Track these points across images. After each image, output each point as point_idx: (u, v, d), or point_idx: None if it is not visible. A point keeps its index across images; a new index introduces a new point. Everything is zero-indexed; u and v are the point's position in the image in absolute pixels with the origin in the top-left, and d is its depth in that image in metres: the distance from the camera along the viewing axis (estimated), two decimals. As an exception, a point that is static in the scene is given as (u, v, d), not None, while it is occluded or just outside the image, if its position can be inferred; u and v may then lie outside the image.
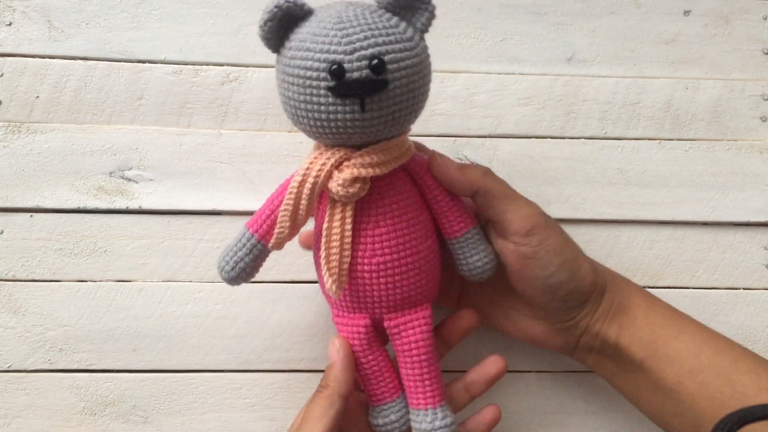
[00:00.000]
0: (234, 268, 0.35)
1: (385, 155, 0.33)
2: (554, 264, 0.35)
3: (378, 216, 0.34)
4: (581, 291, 0.36)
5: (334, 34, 0.30)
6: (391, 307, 0.35)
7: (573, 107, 0.45)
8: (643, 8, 0.46)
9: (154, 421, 0.43)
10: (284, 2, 0.30)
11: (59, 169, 0.43)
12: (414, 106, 0.32)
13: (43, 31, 0.43)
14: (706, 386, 0.35)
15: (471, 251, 0.36)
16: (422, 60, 0.32)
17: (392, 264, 0.34)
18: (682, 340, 0.36)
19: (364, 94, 0.30)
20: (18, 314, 0.43)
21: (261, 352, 0.43)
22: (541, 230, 0.35)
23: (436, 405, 0.35)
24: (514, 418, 0.44)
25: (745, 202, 0.45)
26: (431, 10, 0.32)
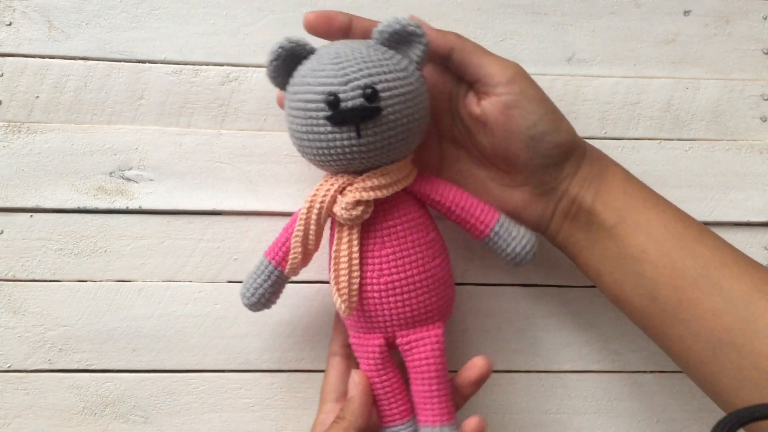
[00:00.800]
0: (254, 294, 0.38)
1: (385, 179, 0.34)
2: (537, 112, 0.36)
3: (384, 237, 0.35)
4: (562, 145, 0.37)
5: (331, 68, 0.32)
6: (402, 324, 0.36)
7: (573, 107, 0.45)
8: (643, 8, 0.46)
9: (154, 421, 0.43)
10: (287, 43, 0.33)
11: (59, 169, 0.43)
12: (409, 132, 0.34)
13: (43, 31, 0.44)
14: (670, 255, 0.36)
15: (507, 241, 0.37)
16: (416, 88, 0.34)
17: (400, 283, 0.35)
18: (654, 211, 0.37)
19: (358, 121, 0.32)
20: (18, 314, 0.43)
21: (261, 352, 0.43)
22: (521, 78, 0.36)
23: (443, 422, 0.35)
24: (515, 418, 0.44)
25: (745, 202, 0.45)
26: (425, 43, 0.34)
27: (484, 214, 0.37)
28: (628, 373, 0.45)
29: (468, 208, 0.37)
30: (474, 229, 0.37)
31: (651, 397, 0.45)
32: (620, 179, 0.38)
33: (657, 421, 0.45)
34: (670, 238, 0.36)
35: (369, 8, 0.45)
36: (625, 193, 0.37)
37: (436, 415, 0.36)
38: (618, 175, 0.38)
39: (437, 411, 0.36)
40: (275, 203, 0.44)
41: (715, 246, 0.36)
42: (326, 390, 0.39)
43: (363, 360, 0.37)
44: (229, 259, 0.43)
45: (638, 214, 0.37)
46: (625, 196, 0.37)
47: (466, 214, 0.37)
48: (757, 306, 0.34)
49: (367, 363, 0.37)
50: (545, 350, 0.44)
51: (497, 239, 0.37)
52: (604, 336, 0.45)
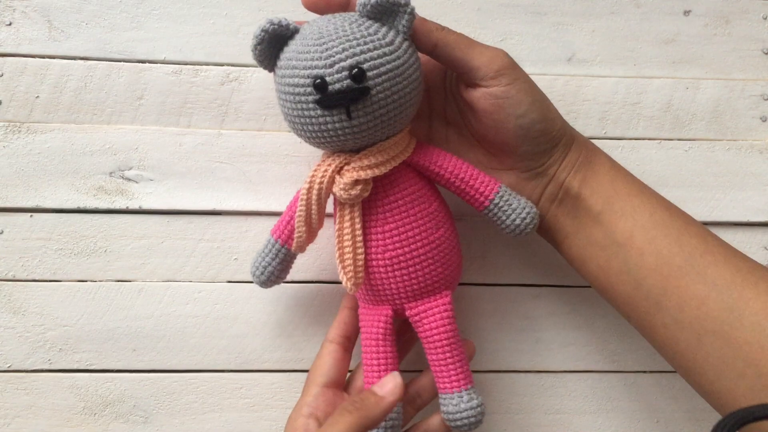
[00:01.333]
0: (263, 272, 0.38)
1: (382, 156, 0.34)
2: (526, 102, 0.35)
3: (386, 213, 0.35)
4: (551, 133, 0.37)
5: (315, 49, 0.32)
6: (410, 297, 0.36)
7: (573, 107, 0.45)
8: (643, 8, 0.46)
9: (154, 421, 0.43)
10: (269, 25, 0.33)
11: (59, 169, 0.43)
12: (403, 107, 0.34)
13: (43, 31, 0.43)
14: (656, 242, 0.36)
15: (506, 213, 0.36)
16: (405, 61, 0.33)
17: (404, 257, 0.35)
18: (640, 198, 0.37)
19: (347, 103, 0.32)
20: (18, 314, 0.43)
21: (261, 352, 0.43)
22: (509, 70, 0.35)
23: (461, 388, 0.36)
24: (515, 418, 0.44)
25: (745, 202, 0.45)
26: (410, 11, 0.33)
27: (483, 185, 0.36)
28: (628, 373, 0.45)
29: (467, 179, 0.36)
30: (473, 200, 0.37)
31: (651, 397, 0.45)
32: (607, 167, 0.38)
33: (657, 421, 0.45)
34: (656, 225, 0.36)
35: (369, 8, 0.45)
36: (612, 180, 0.37)
37: (454, 381, 0.36)
38: (605, 163, 0.38)
39: (454, 377, 0.36)
40: (275, 203, 0.44)
41: (700, 235, 0.36)
42: (316, 373, 0.38)
43: (367, 328, 0.37)
44: (229, 259, 0.43)
45: (624, 200, 0.37)
46: (611, 182, 0.37)
47: (465, 185, 0.36)
48: (741, 294, 0.33)
49: (370, 331, 0.37)
50: (545, 350, 0.44)
51: (497, 210, 0.36)
52: (604, 336, 0.45)
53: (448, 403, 0.36)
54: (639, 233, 0.36)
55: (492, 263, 0.45)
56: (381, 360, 0.37)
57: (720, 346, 0.33)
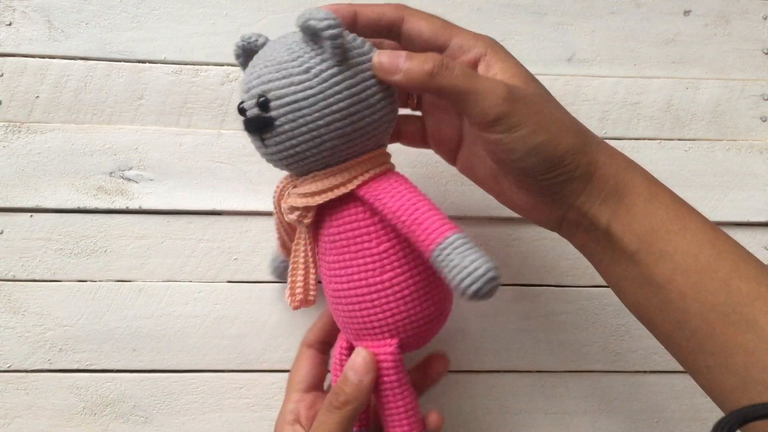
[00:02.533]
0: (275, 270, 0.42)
1: (316, 186, 0.32)
2: (520, 151, 0.31)
3: (328, 244, 0.34)
4: (559, 168, 0.32)
5: (248, 72, 0.32)
6: (351, 335, 0.35)
7: (573, 107, 0.45)
8: (643, 8, 0.46)
9: (154, 421, 0.43)
10: (241, 41, 0.33)
11: (59, 169, 0.43)
12: (318, 139, 0.30)
13: (43, 31, 0.43)
14: (700, 288, 0.32)
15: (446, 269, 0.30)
16: (320, 91, 0.30)
17: (345, 294, 0.33)
18: (683, 236, 0.33)
19: (254, 131, 0.32)
20: (18, 314, 0.43)
21: (261, 352, 0.43)
22: (506, 118, 0.31)
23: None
24: (516, 418, 0.44)
25: (745, 202, 0.45)
26: (329, 36, 0.29)
27: (426, 234, 0.30)
28: (627, 373, 0.45)
29: (409, 224, 0.31)
30: (418, 246, 0.31)
31: (651, 397, 0.45)
32: (643, 197, 0.33)
33: (657, 421, 0.45)
34: (701, 269, 0.32)
35: (369, 8, 0.45)
36: (649, 216, 0.33)
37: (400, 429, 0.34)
38: (641, 193, 0.33)
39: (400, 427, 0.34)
40: (275, 203, 0.44)
41: (751, 277, 0.32)
42: (295, 380, 0.38)
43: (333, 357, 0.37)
44: (228, 259, 0.43)
45: (663, 241, 0.33)
46: (648, 219, 0.33)
47: (408, 231, 0.31)
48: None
49: (334, 360, 0.37)
50: (545, 350, 0.44)
51: (437, 264, 0.30)
52: (604, 336, 0.45)
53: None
54: (680, 277, 0.32)
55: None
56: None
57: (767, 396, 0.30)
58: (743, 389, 0.32)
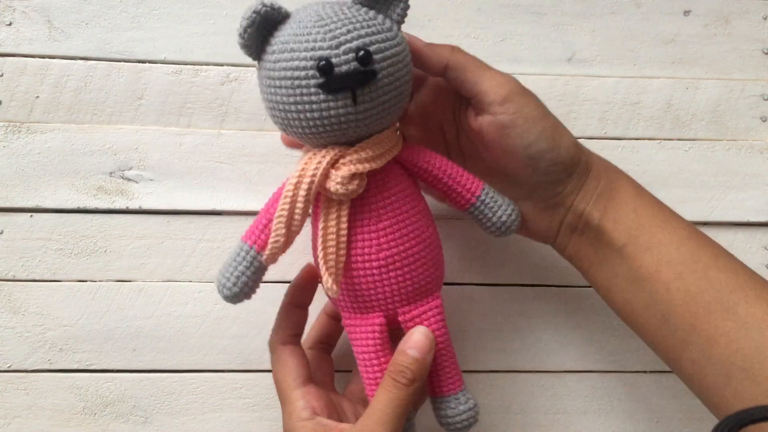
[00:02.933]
0: (236, 284, 0.33)
1: (379, 148, 0.33)
2: (533, 132, 0.34)
3: (380, 210, 0.34)
4: (563, 162, 0.35)
5: (317, 31, 0.30)
6: (404, 300, 0.34)
7: (573, 107, 0.45)
8: (643, 8, 0.46)
9: (154, 421, 0.43)
10: (262, 7, 0.31)
11: (59, 169, 0.43)
12: (401, 95, 0.33)
13: (43, 31, 0.44)
14: (683, 278, 0.34)
15: (491, 210, 0.36)
16: (404, 49, 0.33)
17: (400, 256, 0.34)
18: (666, 230, 0.35)
19: (355, 86, 0.30)
20: (18, 314, 0.43)
21: (261, 352, 0.43)
22: (517, 97, 0.35)
23: (457, 390, 0.35)
24: (516, 418, 0.44)
25: (745, 202, 0.45)
26: (405, 1, 0.33)
27: (470, 182, 0.36)
28: (628, 373, 0.45)
29: (454, 176, 0.35)
30: (460, 197, 0.36)
31: (651, 397, 0.45)
32: (630, 194, 0.37)
33: (657, 421, 0.45)
34: (683, 260, 0.35)
35: (369, 8, 0.45)
36: (635, 210, 0.36)
37: (450, 383, 0.35)
38: (628, 191, 0.37)
39: (451, 380, 0.35)
40: (275, 203, 0.44)
41: (730, 269, 0.35)
42: (288, 379, 0.36)
43: (360, 341, 0.35)
44: (229, 259, 0.43)
45: (649, 233, 0.35)
46: (635, 213, 0.36)
47: (453, 182, 0.35)
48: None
49: (365, 344, 0.35)
50: (545, 350, 0.44)
51: (483, 207, 0.36)
52: (604, 336, 0.45)
53: (446, 406, 0.35)
54: (665, 268, 0.35)
55: (492, 263, 0.45)
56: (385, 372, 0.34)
57: (750, 385, 0.32)
58: (727, 381, 0.33)
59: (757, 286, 0.34)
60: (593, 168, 0.37)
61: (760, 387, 0.32)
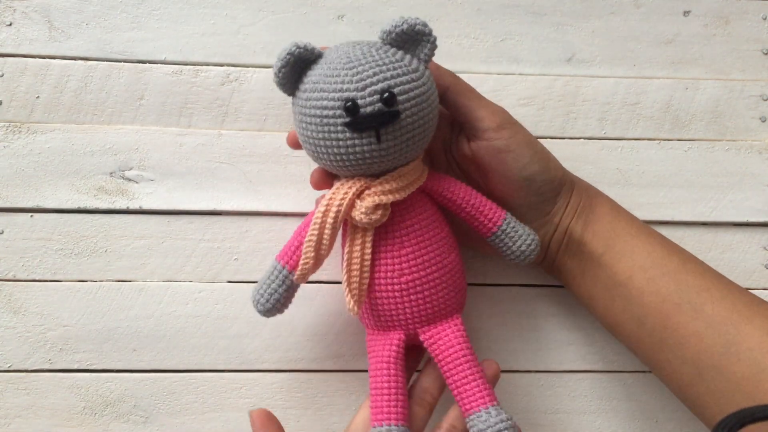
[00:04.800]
0: (269, 300, 0.37)
1: (403, 181, 0.35)
2: (527, 155, 0.37)
3: (402, 237, 0.36)
4: (554, 182, 0.38)
5: (345, 73, 0.32)
6: (423, 321, 0.36)
7: (573, 107, 0.45)
8: (643, 8, 0.46)
9: (154, 420, 0.43)
10: (296, 49, 0.33)
11: (60, 169, 0.43)
12: (426, 132, 0.34)
13: (43, 31, 0.44)
14: (654, 282, 0.37)
15: (513, 239, 0.37)
16: (429, 88, 0.34)
17: (420, 281, 0.35)
18: (638, 238, 0.38)
19: (378, 126, 0.32)
20: (18, 314, 0.43)
21: (261, 352, 0.43)
22: (510, 125, 0.37)
23: (487, 404, 0.35)
24: (516, 418, 0.44)
25: (744, 202, 0.45)
26: (433, 41, 0.34)
27: (492, 212, 0.37)
28: (627, 373, 0.45)
29: (477, 206, 0.37)
30: (482, 226, 0.37)
31: (650, 397, 0.45)
32: (607, 208, 0.40)
33: (656, 421, 0.45)
34: (654, 265, 0.37)
35: (369, 8, 0.45)
36: (612, 222, 0.39)
37: (479, 398, 0.35)
38: (605, 205, 0.40)
39: (479, 394, 0.35)
40: (275, 203, 0.44)
41: (698, 272, 0.37)
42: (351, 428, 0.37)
43: (377, 352, 0.36)
44: (229, 260, 0.44)
45: (624, 242, 0.38)
46: (611, 224, 0.39)
47: (476, 211, 0.37)
48: (738, 330, 0.35)
49: (380, 356, 0.36)
50: (545, 350, 0.44)
51: (504, 236, 0.37)
52: (604, 336, 0.45)
53: (477, 422, 0.34)
54: (638, 273, 0.37)
55: (492, 263, 0.45)
56: (392, 384, 0.36)
57: (720, 380, 0.35)
58: (699, 378, 0.35)
59: (722, 287, 0.37)
60: (576, 186, 0.40)
61: (730, 383, 0.34)
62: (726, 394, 0.34)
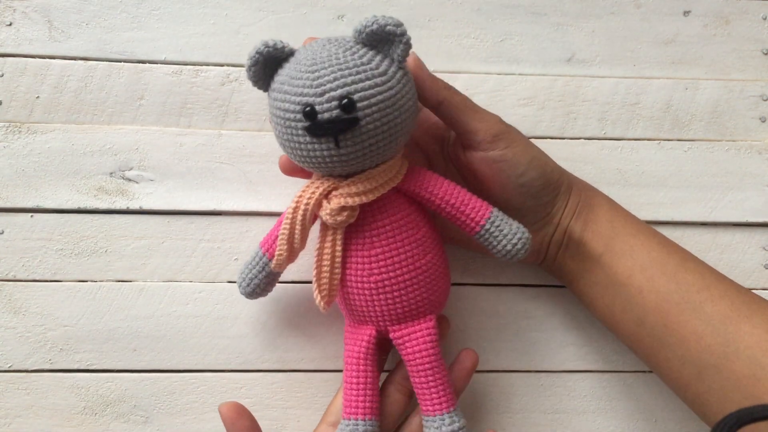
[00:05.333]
0: (249, 284, 0.38)
1: (371, 183, 0.34)
2: (523, 163, 0.37)
3: (372, 237, 0.35)
4: (551, 185, 0.38)
5: (306, 76, 0.32)
6: (393, 320, 0.36)
7: (573, 107, 0.46)
8: (643, 8, 0.46)
9: (154, 420, 0.43)
10: (264, 48, 0.33)
11: (60, 169, 0.43)
12: (393, 136, 0.33)
13: (43, 31, 0.44)
14: (654, 281, 0.37)
15: (495, 239, 0.36)
16: (397, 91, 0.33)
17: (389, 282, 0.35)
18: (638, 238, 0.38)
19: (335, 132, 0.32)
20: (19, 314, 0.43)
21: (261, 352, 0.44)
22: (505, 135, 0.37)
23: (443, 411, 0.36)
24: (516, 418, 0.44)
25: (743, 203, 0.45)
26: (406, 41, 0.33)
27: (474, 211, 0.36)
28: (626, 373, 0.45)
29: (457, 205, 0.36)
30: (464, 226, 0.37)
31: (649, 396, 0.45)
32: (606, 208, 0.40)
33: (655, 420, 0.45)
34: (654, 264, 0.37)
35: (369, 8, 0.45)
36: (611, 221, 0.39)
37: (436, 404, 0.36)
38: (604, 204, 0.40)
39: (437, 400, 0.36)
40: (275, 203, 0.44)
41: (697, 271, 0.37)
42: (330, 411, 0.39)
43: (350, 346, 0.37)
44: (229, 260, 0.44)
45: (623, 241, 0.38)
46: (611, 224, 0.39)
47: (455, 211, 0.36)
48: (737, 328, 0.35)
49: (352, 350, 0.37)
50: (545, 350, 0.45)
51: (487, 236, 0.36)
52: (603, 336, 0.45)
53: (430, 426, 0.36)
54: (638, 272, 0.37)
55: (492, 263, 0.45)
56: (361, 379, 0.37)
57: (719, 379, 0.35)
58: (699, 377, 0.36)
59: (721, 286, 0.37)
60: (574, 187, 0.40)
61: (729, 381, 0.34)
62: (725, 393, 0.34)
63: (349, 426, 0.36)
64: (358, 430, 0.36)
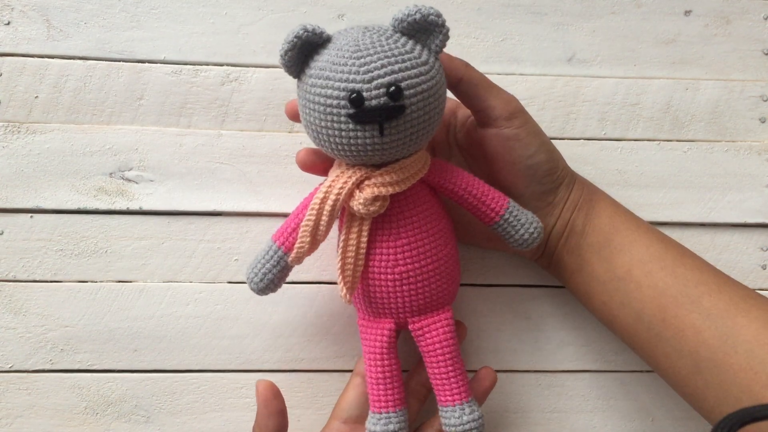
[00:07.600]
0: (262, 279, 0.37)
1: (403, 173, 0.34)
2: (535, 144, 0.37)
3: (399, 228, 0.35)
4: (556, 172, 0.39)
5: (352, 62, 0.31)
6: (414, 311, 0.37)
7: (573, 108, 0.45)
8: (643, 8, 0.46)
9: (155, 420, 0.43)
10: (303, 32, 0.32)
11: (59, 169, 0.43)
12: (431, 125, 0.34)
13: (41, 30, 0.43)
14: (652, 275, 0.37)
15: (515, 227, 0.37)
16: (437, 81, 0.33)
17: (414, 272, 0.35)
18: (637, 233, 0.39)
19: (382, 120, 0.31)
20: (19, 315, 0.43)
21: (261, 352, 0.44)
22: (521, 114, 0.38)
23: (462, 401, 0.36)
24: (514, 417, 0.45)
25: (742, 204, 0.45)
26: (445, 32, 0.33)
27: (494, 201, 0.37)
28: (624, 372, 0.45)
29: (479, 196, 0.37)
30: (484, 215, 0.37)
31: (647, 396, 0.45)
32: (607, 203, 0.40)
33: (653, 420, 0.45)
34: (652, 259, 0.38)
35: (369, 7, 0.45)
36: (611, 217, 0.39)
37: (455, 394, 0.36)
38: (605, 200, 0.40)
39: (456, 390, 0.36)
40: (275, 204, 0.44)
41: (695, 266, 0.38)
42: (340, 407, 0.39)
43: (369, 341, 0.37)
44: (229, 260, 0.44)
45: (622, 236, 0.39)
46: (611, 219, 0.39)
47: (478, 201, 0.37)
48: (734, 322, 0.35)
49: (373, 346, 0.37)
50: (544, 350, 0.45)
51: (506, 225, 0.37)
52: (602, 336, 0.45)
53: (450, 415, 0.36)
54: (636, 267, 0.38)
55: (492, 263, 0.45)
56: (387, 373, 0.37)
57: (717, 373, 0.35)
58: (697, 371, 0.36)
59: (719, 281, 0.37)
60: (577, 181, 0.40)
61: (727, 375, 0.35)
62: (723, 387, 0.35)
63: (382, 419, 0.37)
64: (390, 422, 0.37)
